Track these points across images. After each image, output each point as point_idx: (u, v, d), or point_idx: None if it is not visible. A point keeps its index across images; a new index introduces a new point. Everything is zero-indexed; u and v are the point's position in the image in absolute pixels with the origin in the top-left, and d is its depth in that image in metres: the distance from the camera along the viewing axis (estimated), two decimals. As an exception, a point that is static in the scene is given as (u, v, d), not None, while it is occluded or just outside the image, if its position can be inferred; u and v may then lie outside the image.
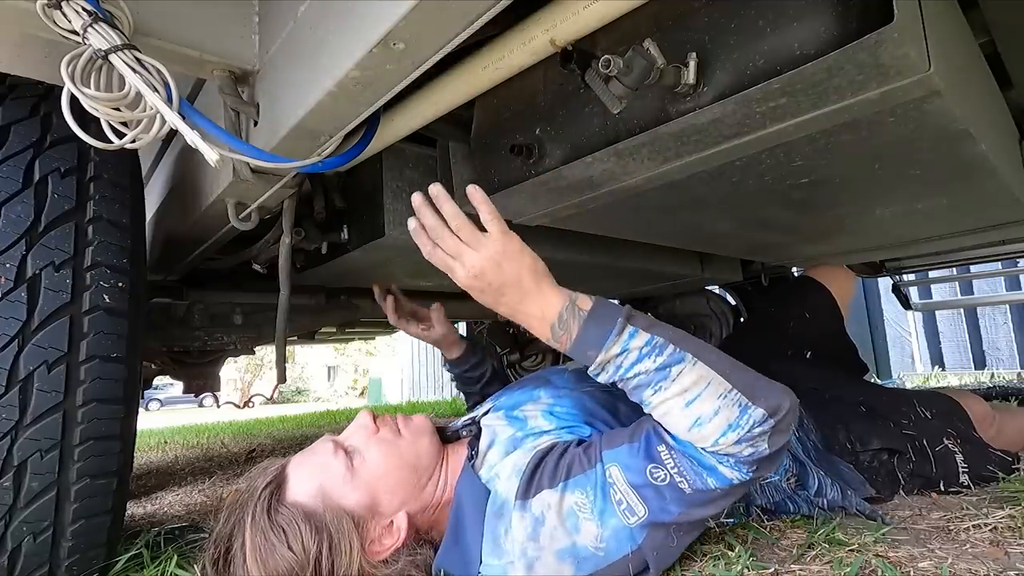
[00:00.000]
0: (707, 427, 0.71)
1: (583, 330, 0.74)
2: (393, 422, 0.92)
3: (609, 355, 0.74)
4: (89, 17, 0.61)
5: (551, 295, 0.77)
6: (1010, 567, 0.80)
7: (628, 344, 0.73)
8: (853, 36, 0.53)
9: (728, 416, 0.70)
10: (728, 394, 0.71)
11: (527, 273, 0.76)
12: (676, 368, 0.72)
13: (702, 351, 0.74)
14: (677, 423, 0.73)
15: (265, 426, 4.74)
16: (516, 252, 0.76)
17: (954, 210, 1.12)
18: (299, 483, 0.82)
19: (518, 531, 0.77)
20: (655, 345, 0.73)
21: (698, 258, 1.85)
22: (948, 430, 1.22)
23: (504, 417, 0.95)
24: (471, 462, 0.89)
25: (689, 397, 0.72)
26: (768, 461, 0.74)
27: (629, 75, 0.60)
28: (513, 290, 0.76)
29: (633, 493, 0.74)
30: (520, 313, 0.78)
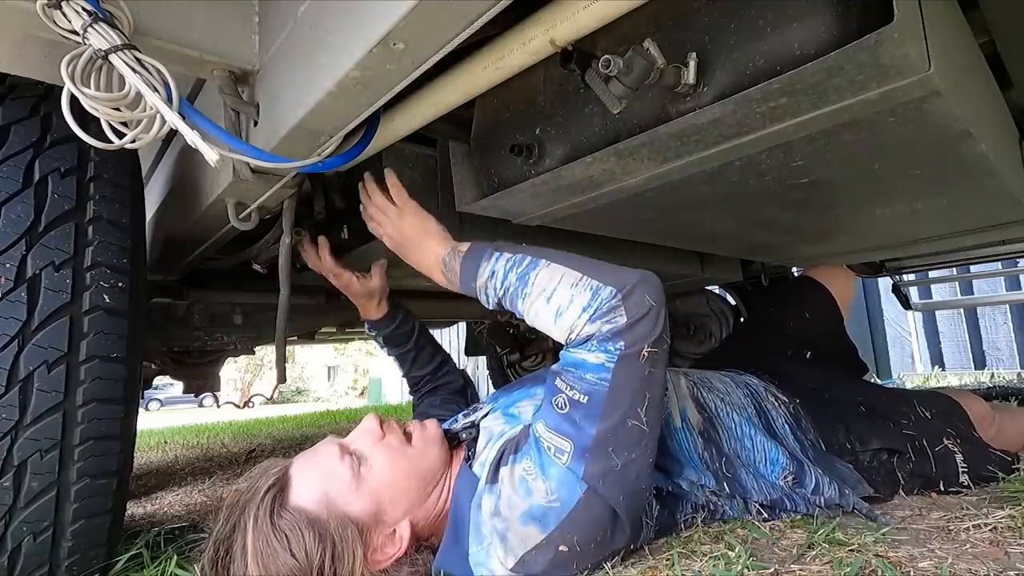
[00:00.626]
0: (566, 314, 0.77)
1: (462, 266, 0.90)
2: (400, 429, 0.91)
3: (483, 280, 0.87)
4: (89, 17, 0.61)
5: (438, 245, 0.95)
6: (1010, 567, 0.80)
7: (495, 267, 0.86)
8: (853, 36, 0.53)
9: (581, 301, 0.76)
10: (579, 282, 0.78)
11: (418, 228, 0.97)
12: (533, 272, 0.82)
13: (556, 255, 0.83)
14: (545, 319, 0.80)
15: (265, 426, 4.74)
16: (410, 212, 0.98)
17: (954, 210, 1.12)
18: (303, 487, 0.81)
19: (486, 512, 0.79)
20: (516, 261, 0.85)
21: (698, 258, 1.85)
22: (948, 430, 1.22)
23: (501, 416, 0.96)
24: (468, 462, 0.90)
25: (548, 294, 0.79)
26: (630, 330, 0.74)
27: (629, 75, 0.61)
28: (410, 243, 0.99)
29: (553, 434, 0.77)
30: (421, 262, 0.98)
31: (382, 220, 1.01)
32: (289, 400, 23.00)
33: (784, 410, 1.20)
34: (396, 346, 1.42)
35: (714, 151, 0.75)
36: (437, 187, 1.18)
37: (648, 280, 0.78)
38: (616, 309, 0.74)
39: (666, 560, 0.87)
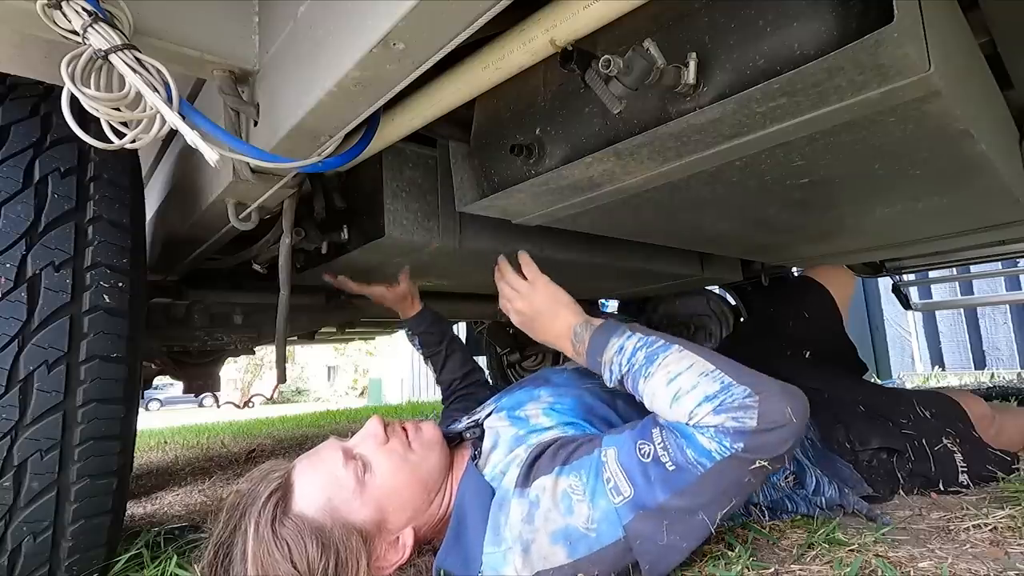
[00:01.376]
0: (685, 399, 0.73)
1: (592, 339, 0.89)
2: (403, 433, 0.90)
3: (610, 355, 0.84)
4: (89, 17, 0.61)
5: (570, 318, 0.95)
6: (1010, 567, 0.80)
7: (624, 343, 0.84)
8: (853, 36, 0.53)
9: (706, 389, 0.72)
10: (710, 373, 0.74)
11: (551, 301, 0.98)
12: (663, 354, 0.80)
13: (690, 346, 0.80)
14: (661, 401, 0.76)
15: (265, 426, 4.74)
16: (542, 288, 0.99)
17: (954, 210, 1.12)
18: (307, 494, 0.79)
19: (515, 516, 0.77)
20: (647, 342, 0.82)
21: (698, 258, 1.85)
22: (947, 430, 1.22)
23: (507, 417, 0.95)
24: (474, 462, 0.89)
25: (671, 375, 0.76)
26: (758, 437, 0.68)
27: (629, 75, 0.60)
28: (542, 316, 0.98)
29: (621, 472, 0.74)
30: (551, 333, 0.97)
31: (512, 296, 1.02)
32: (289, 400, 22.99)
33: (784, 410, 1.19)
34: (429, 346, 1.52)
35: (714, 151, 0.75)
36: (437, 187, 1.18)
37: (794, 394, 0.72)
38: (748, 409, 0.68)
39: (666, 560, 0.87)
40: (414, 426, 0.92)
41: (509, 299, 1.02)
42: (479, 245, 1.27)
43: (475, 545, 0.80)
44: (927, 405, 1.27)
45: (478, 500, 0.83)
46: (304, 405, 16.90)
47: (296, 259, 1.42)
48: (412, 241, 1.16)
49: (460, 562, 0.80)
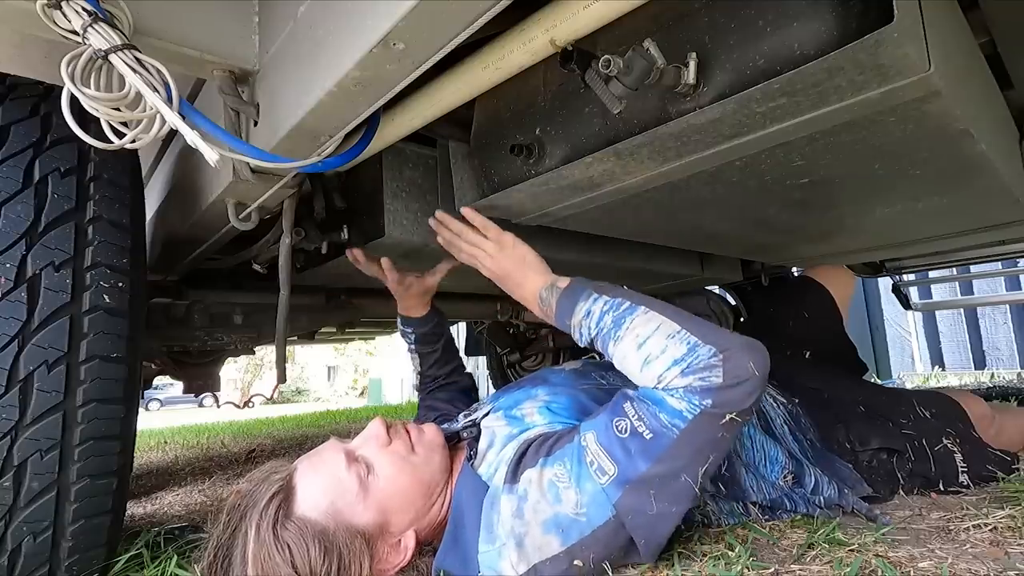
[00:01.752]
0: (655, 363, 0.75)
1: (559, 303, 0.90)
2: (406, 435, 0.89)
3: (578, 318, 0.86)
4: (89, 17, 0.61)
5: (536, 279, 0.95)
6: (1010, 567, 0.80)
7: (592, 307, 0.85)
8: (853, 36, 0.53)
9: (675, 352, 0.74)
10: (676, 334, 0.76)
11: (519, 265, 0.97)
12: (630, 317, 0.81)
13: (656, 305, 0.82)
14: (632, 365, 0.78)
15: (265, 426, 4.74)
16: (510, 250, 0.98)
17: (954, 210, 1.12)
18: (309, 497, 0.79)
19: (505, 512, 0.78)
20: (614, 305, 0.84)
21: (698, 258, 1.85)
22: (947, 430, 1.22)
23: (503, 417, 0.96)
24: (470, 462, 0.90)
25: (640, 340, 0.78)
26: (724, 392, 0.71)
27: (629, 75, 0.60)
28: (511, 278, 0.98)
29: (603, 452, 0.76)
30: (519, 296, 0.98)
31: (478, 255, 1.01)
32: (289, 400, 23.00)
33: (783, 410, 1.20)
34: (426, 343, 1.44)
35: (714, 151, 0.75)
36: (437, 187, 1.18)
37: (754, 347, 0.75)
38: (713, 368, 0.72)
39: (666, 560, 0.87)
40: (417, 428, 0.92)
41: (476, 258, 1.01)
42: (479, 245, 1.26)
43: (472, 545, 0.80)
44: (927, 405, 1.27)
45: (474, 500, 0.83)
46: (304, 405, 16.91)
47: (296, 259, 1.42)
48: (412, 241, 1.16)
49: (459, 563, 0.80)
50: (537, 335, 3.02)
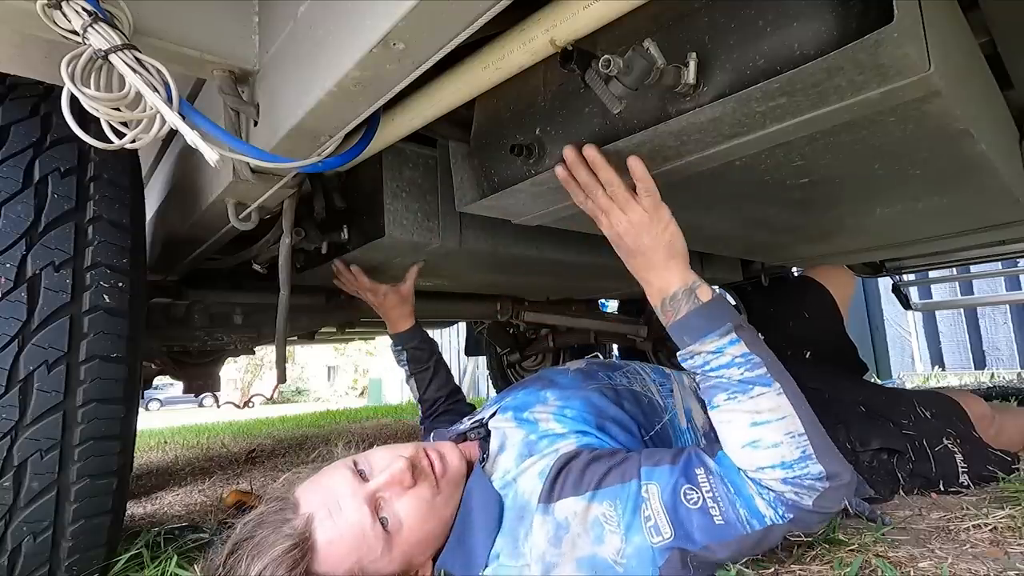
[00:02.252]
0: (761, 452, 0.70)
1: (689, 316, 0.77)
2: (432, 475, 0.83)
3: (703, 348, 0.76)
4: (89, 17, 0.61)
5: (675, 273, 0.80)
6: (1010, 567, 0.80)
7: (725, 348, 0.74)
8: (853, 36, 0.53)
9: (784, 454, 0.69)
10: (797, 436, 0.70)
11: (662, 248, 0.80)
12: (759, 388, 0.72)
13: (790, 389, 0.73)
14: (733, 435, 0.72)
15: (265, 426, 4.74)
16: (660, 227, 0.79)
17: (954, 210, 1.12)
18: (332, 556, 0.73)
19: (539, 535, 0.76)
20: (749, 360, 0.73)
21: (698, 258, 1.85)
22: (948, 430, 1.22)
23: (513, 419, 0.94)
24: (481, 464, 0.89)
25: (758, 419, 0.71)
26: (805, 516, 0.70)
27: (629, 75, 0.60)
28: (644, 258, 0.81)
29: (664, 512, 0.72)
30: (642, 278, 0.83)
31: (613, 215, 0.80)
32: (289, 400, 22.99)
33: (783, 410, 1.19)
34: (419, 362, 1.46)
35: (714, 151, 0.75)
36: (437, 187, 1.18)
37: (851, 485, 0.72)
38: (812, 491, 0.69)
39: (666, 560, 0.87)
40: (440, 459, 0.85)
41: (606, 211, 0.81)
42: (479, 245, 1.27)
43: (479, 551, 0.79)
44: (927, 405, 1.27)
45: (485, 505, 0.82)
46: (304, 405, 16.91)
47: (296, 259, 1.42)
48: (412, 241, 1.16)
49: (462, 564, 0.80)
50: (537, 335, 3.01)
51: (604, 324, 2.42)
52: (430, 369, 1.47)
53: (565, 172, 0.81)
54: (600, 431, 0.88)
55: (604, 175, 0.78)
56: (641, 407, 0.98)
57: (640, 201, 0.78)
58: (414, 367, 1.47)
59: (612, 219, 0.81)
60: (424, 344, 1.47)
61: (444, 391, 1.47)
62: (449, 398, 1.48)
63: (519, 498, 0.80)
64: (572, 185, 0.82)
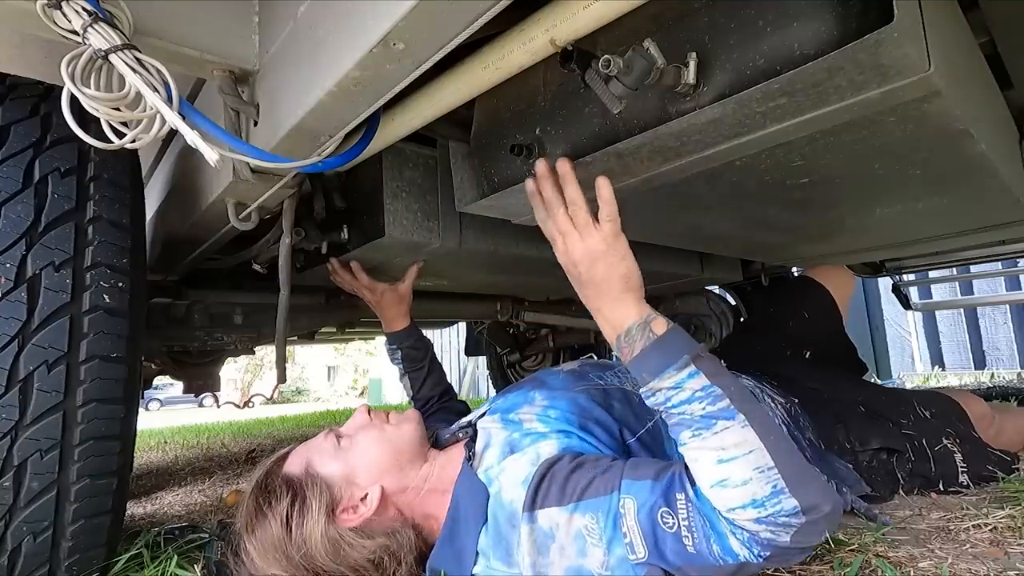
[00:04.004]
0: (730, 491, 0.67)
1: (646, 352, 0.74)
2: (385, 415, 0.99)
3: (661, 385, 0.73)
4: (89, 17, 0.61)
5: (629, 308, 0.77)
6: (1010, 567, 0.80)
7: (684, 383, 0.71)
8: (853, 36, 0.53)
9: (755, 491, 0.66)
10: (766, 471, 0.66)
11: (616, 280, 0.77)
12: (722, 423, 0.69)
13: (757, 419, 0.70)
14: (703, 474, 0.69)
15: (265, 426, 4.74)
16: (616, 257, 0.77)
17: (954, 210, 1.12)
18: (292, 460, 0.92)
19: (527, 544, 0.77)
20: (710, 393, 0.71)
21: (698, 258, 1.85)
22: (947, 430, 1.22)
23: (500, 420, 0.95)
24: (469, 462, 0.90)
25: (724, 456, 0.68)
26: (783, 553, 0.67)
27: (629, 75, 0.60)
28: (597, 289, 0.78)
29: (638, 532, 0.71)
30: (595, 311, 0.80)
31: (570, 241, 0.78)
32: (289, 400, 22.98)
33: (781, 410, 1.20)
34: (413, 361, 1.48)
35: (714, 151, 0.75)
36: (437, 187, 1.18)
37: (834, 515, 0.68)
38: (789, 528, 0.65)
39: (666, 560, 0.87)
40: (396, 412, 0.99)
41: (564, 233, 0.79)
42: (479, 245, 1.27)
43: (468, 547, 0.81)
44: (927, 405, 1.27)
45: (473, 501, 0.83)
46: (304, 405, 16.90)
47: (296, 259, 1.42)
48: (412, 241, 1.16)
49: (453, 560, 0.82)
50: (537, 335, 3.01)
51: (604, 324, 2.41)
52: (424, 368, 1.48)
53: (534, 186, 0.81)
54: (583, 431, 0.89)
55: (570, 192, 0.77)
56: (631, 406, 0.98)
57: (600, 228, 0.76)
58: (408, 366, 1.49)
59: (568, 243, 0.78)
60: (419, 343, 1.49)
61: (437, 390, 1.49)
62: (442, 397, 1.50)
63: (506, 505, 0.80)
64: (537, 199, 0.81)
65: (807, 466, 0.70)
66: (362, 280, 1.39)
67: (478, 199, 0.99)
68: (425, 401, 1.48)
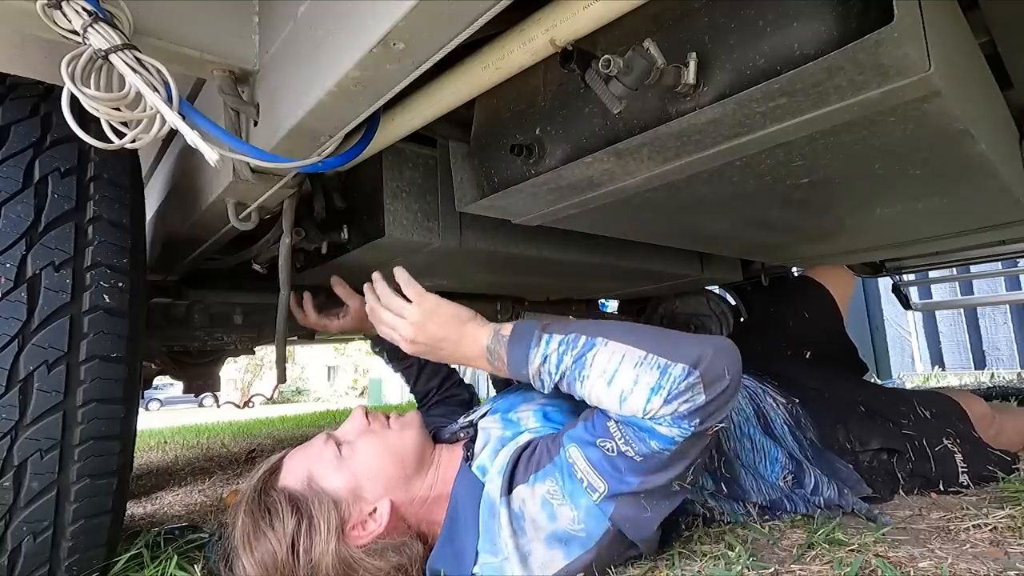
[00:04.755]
0: (632, 398, 0.71)
1: (509, 353, 0.82)
2: (384, 418, 0.95)
3: (535, 366, 0.80)
4: (89, 17, 0.61)
5: (477, 333, 0.85)
6: (1010, 567, 0.80)
7: (547, 350, 0.79)
8: (853, 36, 0.53)
9: (648, 380, 0.71)
10: (643, 360, 0.72)
11: (450, 325, 0.86)
12: (590, 354, 0.76)
13: (613, 331, 0.77)
14: (609, 403, 0.74)
15: (265, 426, 4.74)
16: (432, 309, 0.87)
17: (954, 210, 1.12)
18: (290, 469, 0.87)
19: (506, 528, 0.78)
20: (568, 341, 0.78)
21: (698, 258, 1.85)
22: (947, 430, 1.22)
23: (500, 419, 0.96)
24: (467, 463, 0.90)
25: (608, 376, 0.74)
26: (710, 408, 0.71)
27: (629, 75, 0.60)
28: (447, 342, 0.87)
29: (591, 470, 0.75)
30: (461, 358, 0.88)
31: (396, 324, 0.90)
32: (289, 400, 22.98)
33: (783, 411, 1.20)
34: (401, 359, 1.44)
35: (714, 151, 0.75)
36: (437, 187, 1.18)
37: (723, 348, 0.73)
38: (694, 387, 0.70)
39: (666, 560, 0.87)
40: (396, 413, 0.96)
41: (393, 327, 0.91)
42: (479, 245, 1.27)
43: (468, 546, 0.81)
44: (927, 405, 1.27)
45: (471, 499, 0.84)
46: (304, 405, 16.90)
47: (296, 259, 1.42)
48: (412, 241, 1.16)
49: (453, 559, 0.82)
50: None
51: (604, 324, 2.42)
52: (414, 365, 1.44)
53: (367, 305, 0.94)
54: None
55: (379, 288, 0.92)
56: None
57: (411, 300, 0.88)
58: (396, 365, 1.46)
59: (401, 331, 0.89)
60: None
61: (435, 381, 1.46)
62: (442, 386, 1.46)
63: (488, 497, 0.82)
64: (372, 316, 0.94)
65: (669, 334, 0.75)
66: (311, 317, 1.36)
67: (478, 199, 0.99)
68: (424, 394, 1.46)
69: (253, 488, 0.85)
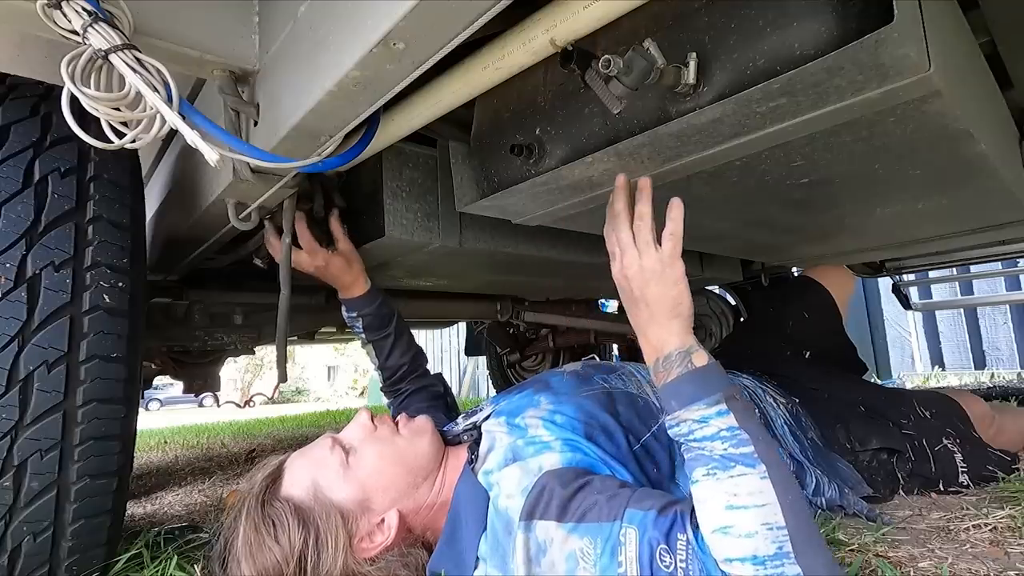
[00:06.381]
0: (732, 540, 0.63)
1: (680, 380, 0.73)
2: (392, 421, 0.92)
3: (688, 416, 0.71)
4: (89, 17, 0.61)
5: (673, 335, 0.75)
6: (1010, 567, 0.80)
7: (711, 419, 0.70)
8: (853, 36, 0.53)
9: (758, 547, 0.62)
10: (776, 529, 0.63)
11: (667, 304, 0.76)
12: (741, 468, 0.66)
13: (778, 476, 0.66)
14: (708, 516, 0.66)
15: (265, 426, 4.74)
16: (670, 281, 0.76)
17: (954, 210, 1.12)
18: (294, 477, 0.84)
19: (521, 553, 0.75)
20: (735, 436, 0.68)
21: (698, 258, 1.85)
22: (947, 430, 1.22)
23: (505, 424, 0.94)
24: (470, 466, 0.89)
25: (735, 503, 0.65)
26: None
27: (629, 75, 0.60)
28: (646, 310, 0.77)
29: (636, 565, 0.69)
30: (639, 329, 0.79)
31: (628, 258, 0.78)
32: (289, 400, 22.98)
33: (783, 410, 1.20)
34: (377, 329, 1.31)
35: (714, 151, 0.75)
36: (437, 187, 1.18)
37: None
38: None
39: (666, 560, 0.87)
40: (406, 416, 0.94)
41: (623, 249, 0.78)
42: (479, 245, 1.27)
43: (468, 550, 0.80)
44: (927, 405, 1.27)
45: (473, 504, 0.83)
46: (304, 405, 16.89)
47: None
48: (412, 241, 1.16)
49: (453, 563, 0.80)
50: (537, 335, 3.01)
51: (604, 324, 2.42)
52: (390, 336, 1.31)
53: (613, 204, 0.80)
54: (589, 440, 0.87)
55: (641, 207, 0.77)
56: (636, 409, 0.97)
57: (660, 248, 0.76)
58: (371, 335, 1.31)
59: (626, 259, 0.78)
60: (381, 309, 1.30)
61: (407, 357, 1.33)
62: (413, 363, 1.34)
63: (503, 513, 0.79)
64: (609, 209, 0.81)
65: (818, 534, 0.66)
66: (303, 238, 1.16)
67: (478, 199, 0.99)
68: (394, 370, 1.33)
69: (255, 496, 0.81)
